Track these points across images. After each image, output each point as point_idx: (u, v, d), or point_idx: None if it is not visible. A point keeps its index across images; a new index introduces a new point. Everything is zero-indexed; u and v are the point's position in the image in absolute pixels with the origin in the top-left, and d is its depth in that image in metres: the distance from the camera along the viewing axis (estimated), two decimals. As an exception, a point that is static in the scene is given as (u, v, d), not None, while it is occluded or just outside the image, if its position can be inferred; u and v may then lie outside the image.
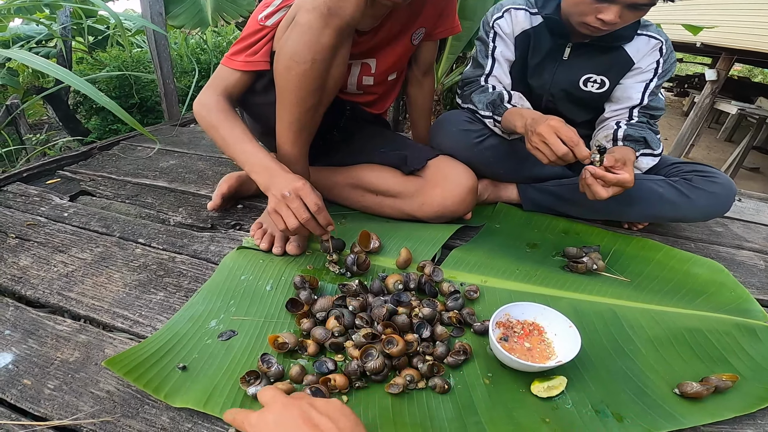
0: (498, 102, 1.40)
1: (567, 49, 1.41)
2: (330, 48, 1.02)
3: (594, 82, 1.44)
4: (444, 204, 1.29)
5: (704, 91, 6.59)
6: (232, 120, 1.13)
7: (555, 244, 1.38)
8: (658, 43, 1.38)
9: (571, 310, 1.09)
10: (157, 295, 1.02)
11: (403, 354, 0.85)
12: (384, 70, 1.37)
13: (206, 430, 0.74)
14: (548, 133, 1.14)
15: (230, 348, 0.88)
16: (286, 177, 1.04)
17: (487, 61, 1.48)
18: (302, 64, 1.02)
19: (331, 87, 1.11)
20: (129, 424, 0.73)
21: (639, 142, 1.39)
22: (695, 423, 0.82)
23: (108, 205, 1.37)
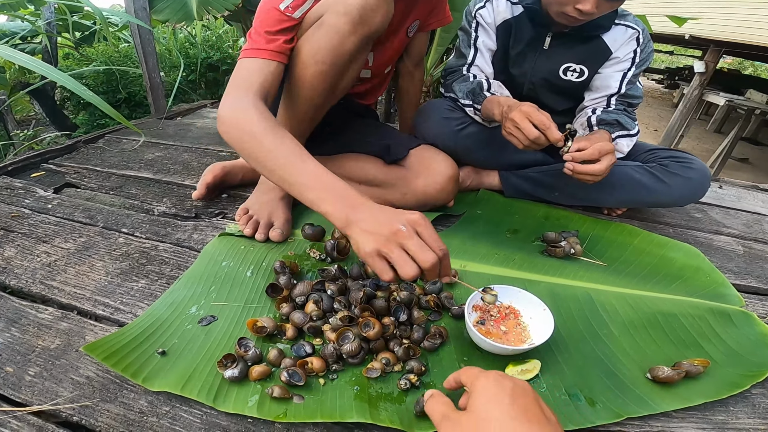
0: (477, 90, 1.43)
1: (547, 38, 1.43)
2: (352, 54, 1.03)
3: (573, 71, 1.46)
4: (426, 193, 1.31)
5: (693, 83, 6.63)
6: (279, 130, 0.91)
7: (535, 230, 1.40)
8: (634, 33, 1.40)
9: (548, 293, 1.10)
10: (139, 282, 1.03)
11: (379, 337, 0.87)
12: (381, 63, 1.38)
13: (184, 412, 0.75)
14: (520, 118, 1.16)
15: (210, 333, 0.89)
16: (379, 207, 0.81)
17: (469, 51, 1.50)
18: (321, 65, 1.03)
19: (341, 89, 1.13)
20: (107, 408, 0.75)
21: (612, 125, 1.42)
22: (666, 408, 0.83)
23: (92, 197, 1.37)
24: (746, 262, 1.42)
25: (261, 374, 0.80)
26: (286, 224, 1.21)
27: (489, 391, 0.57)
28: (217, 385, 0.79)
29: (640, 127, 1.47)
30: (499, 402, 0.55)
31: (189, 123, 2.14)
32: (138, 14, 1.97)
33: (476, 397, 0.57)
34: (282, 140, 0.89)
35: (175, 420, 0.74)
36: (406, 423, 0.75)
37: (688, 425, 0.83)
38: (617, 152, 1.45)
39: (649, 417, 0.83)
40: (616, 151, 1.43)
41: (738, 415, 0.86)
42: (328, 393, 0.80)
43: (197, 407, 0.76)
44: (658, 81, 14.60)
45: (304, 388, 0.80)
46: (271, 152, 0.88)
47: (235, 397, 0.77)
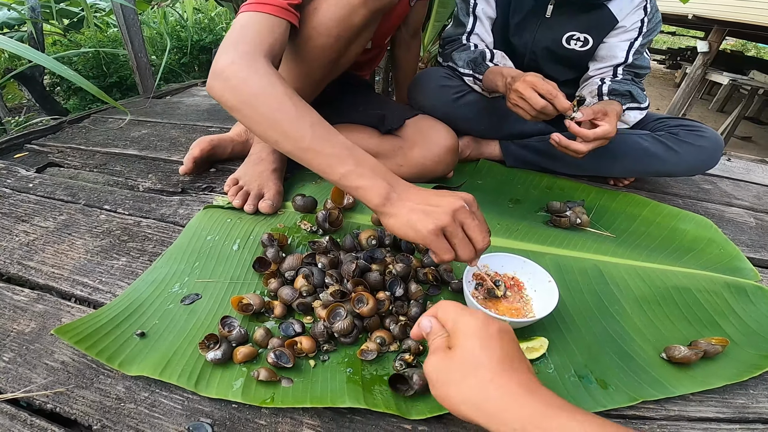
0: (479, 60, 1.37)
1: (549, 6, 1.35)
2: (358, 28, 0.99)
3: (577, 39, 1.39)
4: (423, 164, 1.25)
5: (696, 63, 6.56)
6: (298, 97, 0.81)
7: (538, 200, 1.35)
8: (642, 1, 1.33)
9: (553, 266, 1.05)
10: (120, 260, 0.97)
11: (374, 314, 0.81)
12: (382, 33, 1.33)
13: (164, 398, 0.70)
14: (525, 88, 1.13)
15: (193, 312, 0.83)
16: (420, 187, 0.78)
17: (468, 19, 1.43)
18: (326, 38, 0.98)
19: (344, 64, 1.09)
20: (83, 394, 0.69)
21: (624, 96, 1.35)
22: (684, 391, 0.78)
23: (75, 175, 1.31)
24: (759, 234, 1.37)
25: (246, 356, 0.74)
26: (277, 196, 1.15)
27: (476, 333, 0.55)
28: (199, 368, 0.73)
29: None
30: (487, 347, 0.53)
31: (178, 101, 2.08)
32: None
33: (463, 339, 0.55)
34: (305, 109, 0.79)
35: (154, 406, 0.69)
36: (403, 408, 0.69)
37: (707, 409, 0.78)
38: (623, 123, 1.41)
39: (665, 400, 0.78)
40: (622, 122, 1.40)
41: (759, 398, 0.82)
42: (318, 375, 0.74)
43: (178, 392, 0.71)
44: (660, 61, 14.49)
45: (293, 371, 0.74)
46: (292, 121, 0.77)
47: (219, 380, 0.71)
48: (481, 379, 0.51)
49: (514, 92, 1.15)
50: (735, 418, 0.78)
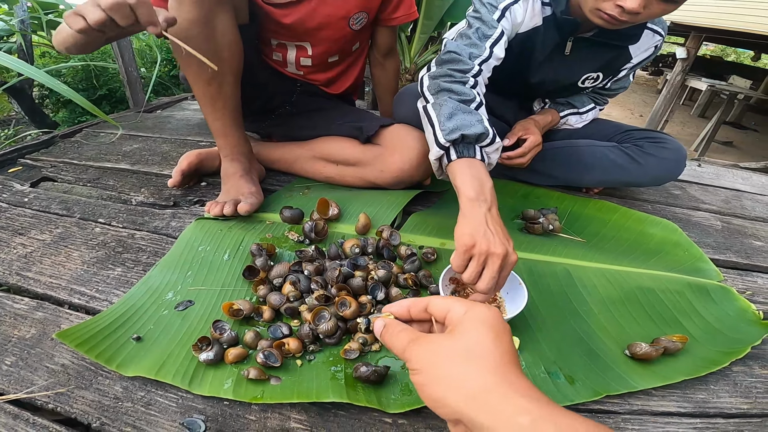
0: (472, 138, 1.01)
1: (568, 43, 1.28)
2: (197, 21, 1.01)
3: (591, 79, 1.41)
4: (402, 169, 1.30)
5: (675, 69, 6.67)
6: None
7: (514, 208, 1.40)
8: (658, 40, 1.32)
9: (526, 270, 1.11)
10: (115, 270, 1.02)
11: (356, 316, 0.87)
12: (321, 52, 1.38)
13: (159, 397, 0.75)
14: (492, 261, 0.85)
15: (186, 317, 0.89)
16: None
17: (484, 48, 1.17)
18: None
19: (228, 56, 1.11)
20: (82, 395, 0.74)
21: (561, 104, 1.49)
22: (646, 386, 0.83)
23: (69, 189, 1.36)
24: (725, 237, 1.44)
25: (237, 356, 0.80)
26: (250, 196, 1.21)
27: (491, 325, 0.47)
28: (192, 368, 0.78)
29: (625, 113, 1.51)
30: (499, 340, 0.46)
31: (168, 115, 2.11)
32: None
33: (473, 327, 0.47)
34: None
35: (150, 404, 0.74)
36: (384, 402, 0.75)
37: (669, 403, 0.83)
38: (568, 126, 1.56)
39: (629, 395, 0.83)
40: (567, 126, 1.56)
41: (719, 393, 0.87)
42: (305, 374, 0.80)
43: (173, 391, 0.76)
44: (643, 68, 14.69)
45: (281, 370, 0.80)
46: None
47: (212, 379, 0.77)
48: (484, 367, 0.44)
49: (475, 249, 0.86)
50: (696, 412, 0.83)
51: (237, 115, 1.23)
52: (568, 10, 1.18)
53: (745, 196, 1.85)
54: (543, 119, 1.47)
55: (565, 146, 1.52)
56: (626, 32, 1.23)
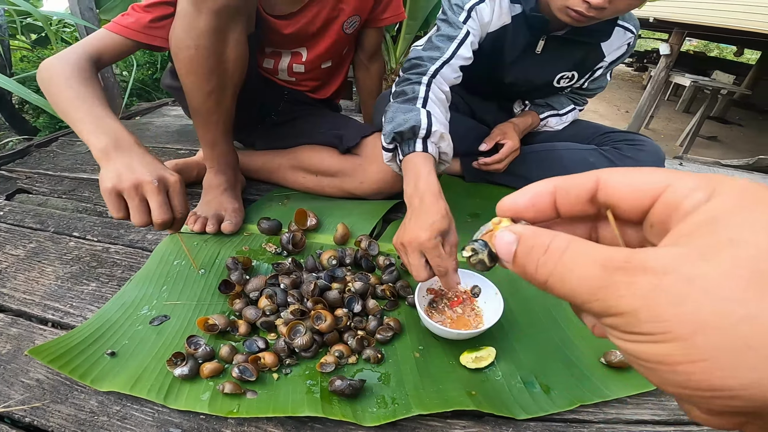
0: (408, 135, 1.03)
1: (540, 42, 1.31)
2: (211, 32, 1.00)
3: (566, 78, 1.43)
4: (381, 179, 1.30)
5: (659, 65, 6.77)
6: (89, 80, 0.99)
7: (495, 213, 1.38)
8: (630, 38, 1.35)
9: (505, 278, 1.08)
10: (89, 285, 1.01)
11: (332, 329, 0.86)
12: (315, 58, 1.37)
13: (135, 411, 0.75)
14: (412, 250, 0.88)
15: (162, 332, 0.88)
16: (141, 154, 0.90)
17: (448, 47, 1.21)
18: (186, 50, 1.01)
19: (232, 70, 1.09)
20: (58, 409, 0.74)
21: (542, 106, 1.50)
22: (620, 394, 0.83)
23: (44, 202, 1.34)
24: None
25: (213, 371, 0.79)
26: (233, 214, 1.20)
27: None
28: (168, 383, 0.78)
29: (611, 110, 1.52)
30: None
31: (148, 122, 2.10)
32: (84, 15, 1.91)
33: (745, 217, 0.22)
34: (85, 88, 0.96)
35: (126, 419, 0.74)
36: (359, 416, 0.74)
37: (643, 411, 0.83)
38: (548, 128, 1.57)
39: (604, 404, 0.83)
40: (547, 128, 1.57)
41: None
42: (281, 387, 0.79)
43: (149, 405, 0.76)
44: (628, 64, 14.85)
45: (257, 383, 0.79)
46: (66, 95, 0.95)
47: (188, 394, 0.76)
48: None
49: (400, 244, 0.91)
50: (670, 420, 0.82)
51: (229, 127, 1.22)
52: (537, 8, 1.20)
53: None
54: (522, 122, 1.48)
55: (544, 149, 1.52)
56: (597, 29, 1.25)
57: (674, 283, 0.21)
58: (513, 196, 0.32)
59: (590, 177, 0.29)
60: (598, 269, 0.23)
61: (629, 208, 0.28)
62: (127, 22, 1.08)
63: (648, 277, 0.22)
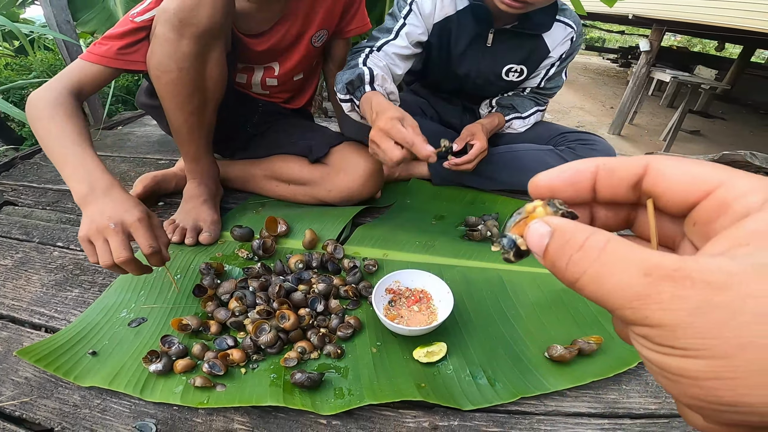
0: (357, 83, 1.26)
1: (490, 35, 1.42)
2: (193, 56, 1.04)
3: (515, 71, 1.52)
4: (349, 187, 1.36)
5: (640, 62, 6.84)
6: (69, 116, 1.00)
7: (461, 215, 1.46)
8: (571, 33, 1.46)
9: (461, 277, 1.17)
10: (73, 292, 1.08)
11: (296, 327, 0.94)
12: (287, 71, 1.43)
13: (114, 404, 0.83)
14: (380, 137, 1.09)
15: (139, 333, 0.96)
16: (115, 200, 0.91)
17: (388, 36, 1.40)
18: (169, 73, 1.06)
19: (212, 88, 1.14)
20: (45, 403, 0.82)
21: (507, 107, 1.56)
22: (559, 387, 0.88)
23: (30, 213, 1.40)
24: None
25: (185, 367, 0.87)
26: (212, 226, 1.26)
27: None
28: (144, 378, 0.85)
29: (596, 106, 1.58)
30: None
31: (129, 132, 2.14)
32: (62, 28, 1.92)
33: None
34: (64, 123, 0.99)
35: (105, 411, 0.82)
36: (318, 405, 0.82)
37: (581, 404, 0.88)
38: (512, 130, 1.65)
39: (545, 396, 0.88)
40: (511, 129, 1.64)
41: (630, 393, 0.91)
42: (248, 381, 0.87)
43: (126, 399, 0.84)
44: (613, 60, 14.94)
45: (226, 377, 0.87)
46: (49, 132, 0.98)
47: (162, 387, 0.84)
48: None
49: (371, 141, 1.12)
50: (606, 413, 0.87)
51: (210, 140, 1.28)
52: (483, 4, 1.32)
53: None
54: (489, 123, 1.54)
55: (506, 151, 1.60)
56: (538, 21, 1.39)
57: (730, 301, 0.19)
58: (549, 173, 0.30)
59: (639, 161, 0.27)
60: (640, 276, 0.21)
61: (674, 200, 0.26)
62: (102, 50, 1.09)
63: (700, 291, 0.20)
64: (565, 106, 9.13)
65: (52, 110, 1.00)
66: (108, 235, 0.87)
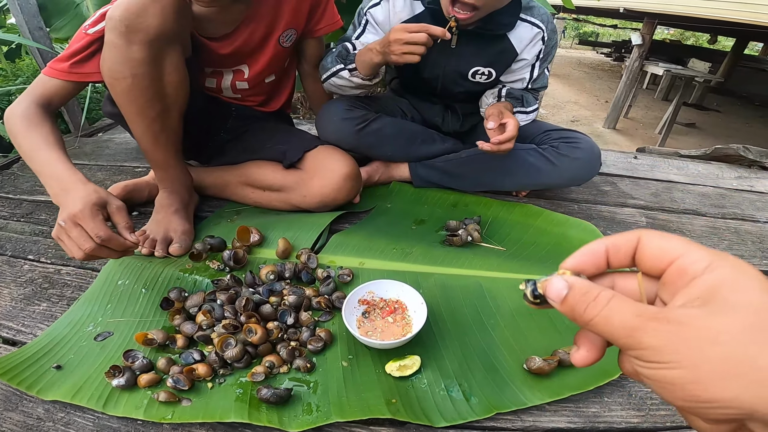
0: (344, 53, 1.43)
1: (454, 36, 1.39)
2: (146, 62, 1.02)
3: (482, 74, 1.49)
4: (323, 193, 1.34)
5: (632, 55, 6.83)
6: (35, 126, 1.06)
7: (442, 218, 1.43)
8: (539, 33, 1.42)
9: (439, 286, 1.14)
10: (41, 306, 1.07)
11: (264, 341, 0.92)
12: (257, 74, 1.40)
13: (78, 417, 0.82)
14: (400, 34, 1.20)
15: (105, 347, 0.94)
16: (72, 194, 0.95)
17: (347, 46, 1.47)
18: (123, 80, 1.04)
19: (173, 94, 1.12)
20: (9, 416, 0.82)
21: (517, 99, 1.51)
22: (537, 401, 0.85)
23: (4, 226, 1.37)
24: (647, 234, 1.49)
25: (149, 381, 0.85)
26: (183, 236, 1.23)
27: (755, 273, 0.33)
28: (108, 392, 0.84)
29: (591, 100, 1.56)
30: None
31: (108, 139, 2.10)
32: (34, 35, 1.88)
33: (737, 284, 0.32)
34: (31, 135, 1.05)
35: (69, 424, 0.81)
36: (285, 422, 0.80)
37: (560, 419, 0.85)
38: None
39: (523, 411, 0.85)
40: None
41: (611, 406, 0.88)
42: (214, 396, 0.85)
43: (91, 413, 0.83)
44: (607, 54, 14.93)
45: (192, 392, 0.85)
46: (21, 147, 1.05)
47: (126, 402, 0.83)
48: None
49: (394, 43, 1.21)
50: (586, 428, 0.84)
51: (178, 147, 1.25)
52: (437, 2, 1.32)
53: (677, 188, 1.89)
54: (506, 105, 1.48)
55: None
56: (500, 21, 1.37)
57: (689, 331, 0.31)
58: (574, 258, 0.40)
59: (634, 236, 0.38)
60: (634, 317, 0.33)
61: (651, 269, 0.37)
62: (58, 65, 1.12)
63: (671, 326, 0.31)
64: (560, 100, 9.12)
65: (20, 123, 1.06)
66: (68, 231, 0.92)
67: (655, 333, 0.32)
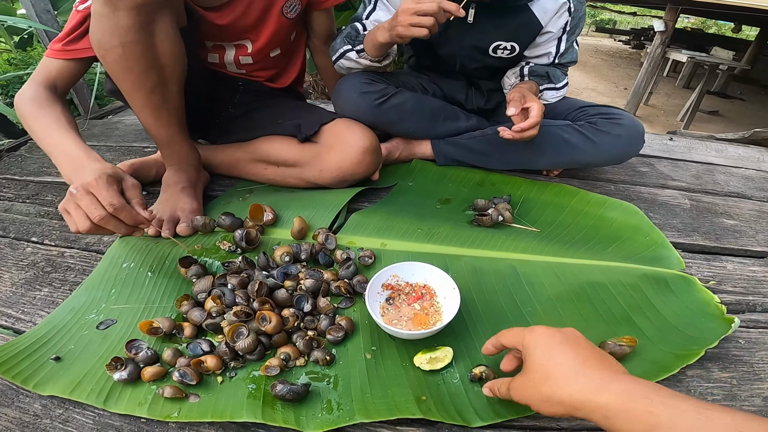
0: (353, 34, 1.37)
1: (471, 10, 1.30)
2: (134, 29, 0.95)
3: (504, 49, 1.39)
4: (341, 167, 1.26)
5: (654, 42, 6.67)
6: (44, 108, 1.09)
7: (468, 198, 1.35)
8: (565, 3, 1.31)
9: (469, 269, 1.06)
10: (42, 291, 0.99)
11: (279, 331, 0.83)
12: (261, 48, 1.32)
13: (77, 414, 0.75)
14: (410, 4, 1.10)
15: (107, 336, 0.86)
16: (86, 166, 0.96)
17: (357, 26, 1.40)
18: (113, 50, 0.96)
19: (170, 65, 1.05)
20: (5, 412, 0.75)
21: (542, 76, 1.42)
22: None
23: (9, 207, 1.31)
24: (692, 216, 1.39)
25: (154, 375, 0.77)
26: (191, 215, 1.16)
27: (542, 343, 0.63)
28: (109, 387, 0.77)
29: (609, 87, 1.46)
30: (558, 351, 0.61)
31: (117, 121, 2.05)
32: (41, 18, 1.86)
33: (532, 353, 0.63)
34: (41, 117, 1.07)
35: (67, 422, 0.74)
36: (302, 422, 0.72)
37: None
38: (544, 101, 1.50)
39: None
40: (543, 101, 1.48)
41: None
42: (224, 391, 0.77)
43: (90, 409, 0.75)
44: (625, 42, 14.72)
45: (201, 387, 0.77)
46: (32, 129, 1.08)
47: (129, 398, 0.75)
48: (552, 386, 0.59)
49: (404, 17, 1.11)
50: None
51: (182, 123, 1.18)
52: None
53: (718, 170, 1.79)
54: (530, 87, 1.40)
55: None
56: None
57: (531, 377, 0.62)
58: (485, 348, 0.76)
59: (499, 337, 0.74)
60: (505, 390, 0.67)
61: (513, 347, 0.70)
62: (55, 45, 1.14)
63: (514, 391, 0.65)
64: (577, 87, 8.96)
65: (30, 106, 1.09)
66: (77, 200, 0.91)
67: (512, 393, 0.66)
